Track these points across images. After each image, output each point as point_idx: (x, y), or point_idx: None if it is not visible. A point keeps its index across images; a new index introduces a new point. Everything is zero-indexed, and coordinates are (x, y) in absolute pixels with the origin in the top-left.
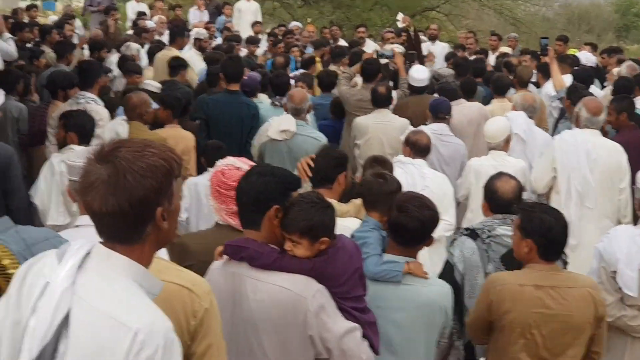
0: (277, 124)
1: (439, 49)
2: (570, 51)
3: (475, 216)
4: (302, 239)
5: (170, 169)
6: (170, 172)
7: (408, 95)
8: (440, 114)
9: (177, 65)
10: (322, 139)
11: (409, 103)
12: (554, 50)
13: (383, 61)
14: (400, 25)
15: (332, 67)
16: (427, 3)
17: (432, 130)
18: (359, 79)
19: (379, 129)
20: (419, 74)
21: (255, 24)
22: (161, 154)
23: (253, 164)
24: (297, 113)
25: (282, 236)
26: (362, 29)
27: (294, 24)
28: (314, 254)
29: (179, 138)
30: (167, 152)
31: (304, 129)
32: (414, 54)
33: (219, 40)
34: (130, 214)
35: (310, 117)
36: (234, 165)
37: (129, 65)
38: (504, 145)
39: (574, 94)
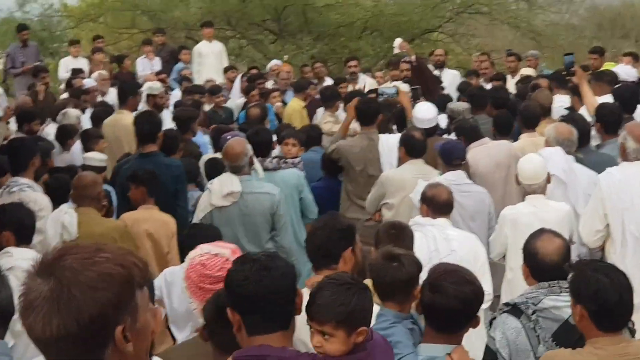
0: (218, 188)
1: (448, 78)
2: (606, 66)
3: (517, 276)
4: (337, 330)
5: (130, 276)
6: (129, 281)
7: None
8: (455, 160)
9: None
10: (276, 193)
11: None
12: (589, 67)
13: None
14: (396, 51)
15: (326, 115)
16: (426, 24)
17: (447, 180)
18: (355, 124)
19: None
20: (423, 113)
21: (228, 69)
22: (117, 258)
23: (231, 245)
24: (237, 170)
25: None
26: (353, 62)
27: (273, 63)
28: (349, 350)
29: (158, 223)
30: (125, 255)
31: (251, 184)
32: (417, 90)
33: (177, 94)
34: (81, 337)
35: (299, 175)
36: (211, 253)
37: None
38: (544, 187)
39: (606, 117)
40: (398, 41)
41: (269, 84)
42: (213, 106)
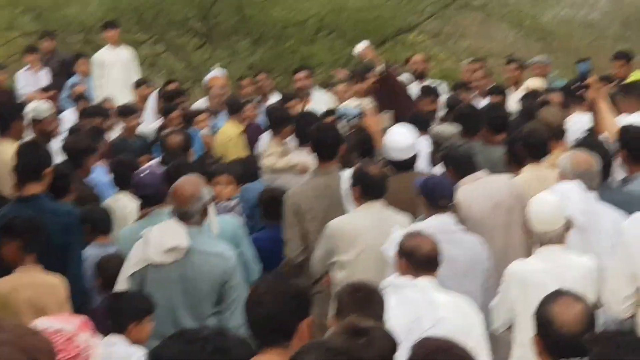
0: (157, 240)
1: None
2: (635, 75)
3: (527, 354)
4: None
5: None
6: None
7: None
8: (441, 200)
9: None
10: (232, 257)
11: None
12: (612, 77)
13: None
14: (357, 52)
15: (272, 144)
16: (401, 22)
17: (431, 226)
18: (306, 157)
19: (375, 236)
20: (399, 141)
21: (140, 84)
22: (18, 341)
23: (78, 319)
24: (186, 217)
25: None
26: (302, 74)
27: (213, 74)
28: None
29: (43, 288)
30: (26, 337)
31: (201, 241)
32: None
33: (70, 117)
34: None
35: (235, 224)
36: (51, 329)
37: None
38: (562, 235)
39: (634, 142)
40: (360, 46)
41: (202, 103)
42: (123, 132)
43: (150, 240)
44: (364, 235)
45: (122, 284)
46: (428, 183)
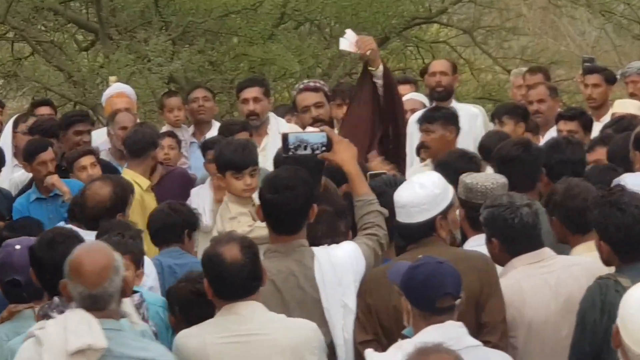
0: (58, 338)
1: (463, 121)
2: None
3: None
4: None
5: None
6: None
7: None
8: (441, 301)
9: None
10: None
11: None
12: None
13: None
14: (345, 49)
15: (232, 203)
16: (410, 8)
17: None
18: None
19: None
20: (410, 195)
21: None
22: None
23: None
24: (98, 306)
25: None
26: (251, 91)
27: (114, 91)
28: None
29: None
30: None
31: (121, 340)
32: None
33: None
34: None
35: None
36: None
37: None
38: None
39: None
40: (347, 38)
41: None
42: None
43: (45, 340)
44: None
45: None
46: (415, 274)
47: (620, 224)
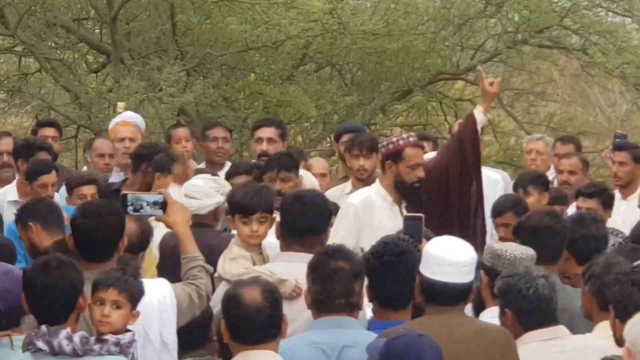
0: None
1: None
2: None
3: None
4: None
5: None
6: None
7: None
8: None
9: None
10: None
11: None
12: None
13: None
14: None
15: (236, 245)
16: (441, 60)
17: None
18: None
19: None
20: (463, 251)
21: None
22: None
23: None
24: None
25: None
26: (265, 133)
27: (122, 118)
28: None
29: None
30: None
31: None
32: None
33: None
34: None
35: None
36: None
37: None
38: None
39: None
40: None
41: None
42: None
43: None
44: None
45: None
46: (393, 346)
47: None
